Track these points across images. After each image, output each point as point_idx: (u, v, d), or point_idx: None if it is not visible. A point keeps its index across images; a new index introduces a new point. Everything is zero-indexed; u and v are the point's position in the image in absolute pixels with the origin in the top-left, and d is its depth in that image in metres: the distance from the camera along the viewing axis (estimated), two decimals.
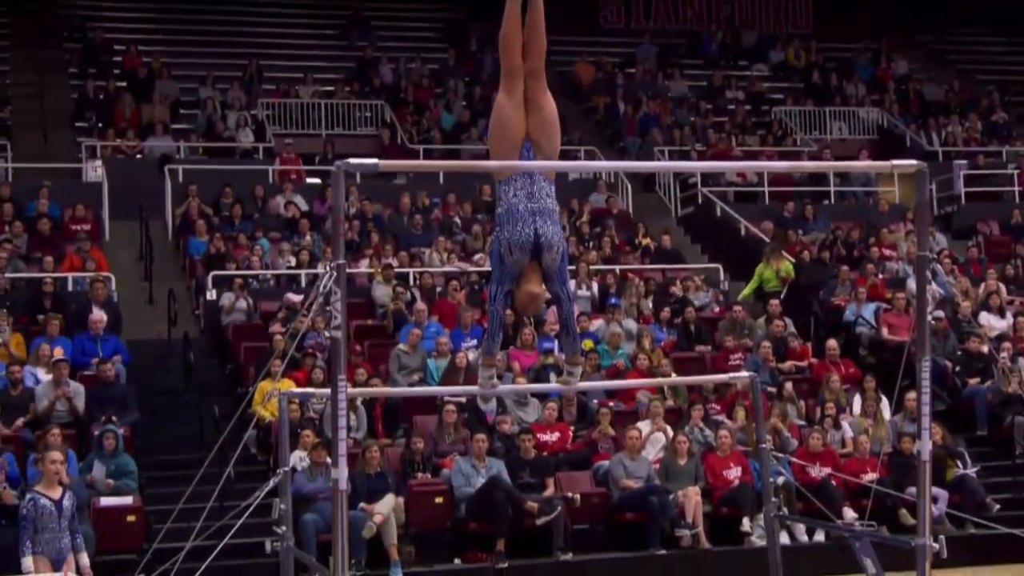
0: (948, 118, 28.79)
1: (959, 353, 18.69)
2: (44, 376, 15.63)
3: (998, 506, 15.85)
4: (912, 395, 14.28)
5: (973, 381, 18.24)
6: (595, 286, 19.78)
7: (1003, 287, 20.57)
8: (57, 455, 11.83)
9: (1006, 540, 13.61)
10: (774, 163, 16.16)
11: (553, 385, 16.43)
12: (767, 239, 22.09)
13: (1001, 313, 19.81)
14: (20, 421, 15.01)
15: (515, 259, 6.92)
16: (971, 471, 16.38)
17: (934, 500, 14.89)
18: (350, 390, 6.73)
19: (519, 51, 7.22)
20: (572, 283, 19.49)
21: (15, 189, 21.02)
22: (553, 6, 26.16)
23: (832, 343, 18.53)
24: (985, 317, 19.62)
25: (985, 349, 18.25)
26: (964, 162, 26.42)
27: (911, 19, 32.03)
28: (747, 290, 20.13)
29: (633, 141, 26.19)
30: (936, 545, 6.96)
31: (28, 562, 11.13)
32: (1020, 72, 31.99)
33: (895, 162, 7.87)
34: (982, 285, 20.66)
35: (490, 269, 19.17)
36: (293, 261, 19.87)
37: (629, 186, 24.66)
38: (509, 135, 7.11)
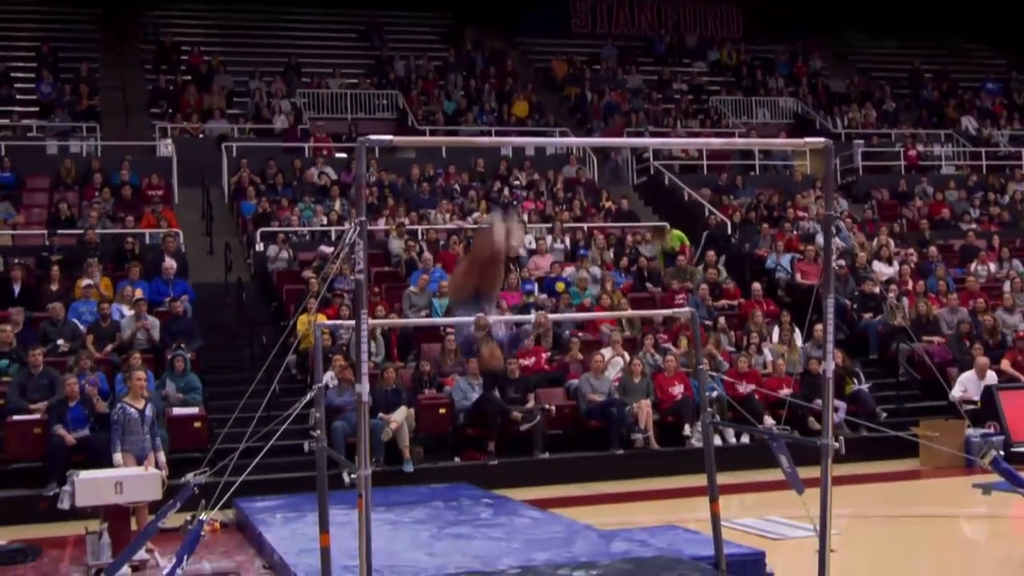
0: (849, 107, 28.74)
1: (856, 293, 18.74)
2: (127, 312, 15.70)
3: (885, 414, 15.98)
4: (819, 327, 14.31)
5: (867, 316, 18.32)
6: (567, 240, 19.79)
7: (891, 241, 20.63)
8: (140, 374, 11.82)
9: (891, 440, 13.73)
10: (711, 140, 16.29)
11: (534, 316, 16.51)
12: (706, 203, 22.07)
13: (889, 262, 19.88)
14: (109, 347, 15.11)
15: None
16: (864, 387, 16.48)
17: (835, 410, 14.97)
18: (371, 322, 6.72)
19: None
20: (549, 237, 19.52)
21: (103, 163, 20.92)
22: (533, 14, 26.03)
23: (756, 286, 18.59)
24: (877, 265, 19.69)
25: (877, 290, 18.31)
26: (861, 142, 26.42)
27: (821, 26, 31.90)
28: (660, 258, 19.96)
29: (598, 123, 26.10)
30: (836, 444, 6.99)
31: (118, 457, 11.15)
32: (905, 70, 31.85)
33: (808, 140, 7.86)
34: (875, 240, 20.71)
35: (480, 226, 19.29)
36: (325, 220, 19.86)
37: (595, 160, 24.59)
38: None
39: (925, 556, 9.84)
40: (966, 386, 16.02)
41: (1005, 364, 16.59)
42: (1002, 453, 12.19)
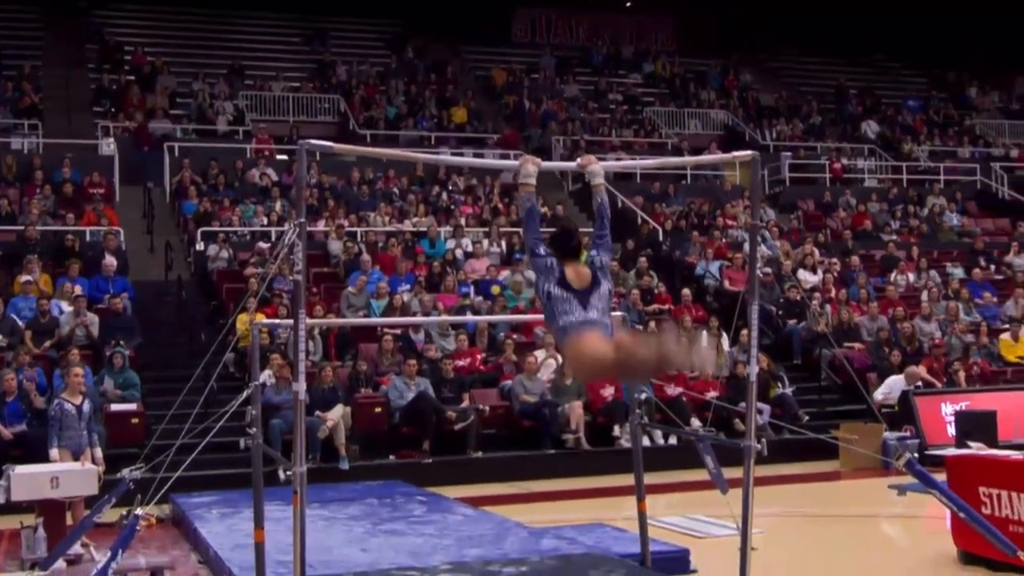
0: (777, 120, 29.03)
1: (782, 300, 18.93)
2: (67, 308, 15.50)
3: (807, 417, 16.13)
4: (745, 332, 14.44)
5: (791, 322, 18.50)
6: (504, 244, 19.80)
7: (816, 250, 20.84)
8: (78, 370, 11.70)
9: (813, 443, 13.86)
10: (646, 161, 16.41)
11: (470, 318, 16.53)
12: (639, 210, 22.18)
13: (814, 270, 20.10)
14: (47, 343, 14.90)
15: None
16: (788, 390, 16.65)
17: (760, 412, 15.11)
18: (308, 321, 6.68)
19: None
20: (486, 241, 19.51)
21: (44, 160, 20.65)
22: (473, 22, 25.96)
23: (686, 291, 18.70)
24: (802, 273, 19.89)
25: (801, 297, 18.50)
26: (788, 154, 26.67)
27: (751, 42, 32.22)
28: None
29: (536, 131, 26.14)
30: (759, 446, 7.06)
31: (55, 453, 11.03)
32: (831, 86, 32.24)
33: (736, 153, 7.94)
34: (800, 248, 20.92)
35: (419, 229, 19.15)
36: (265, 220, 19.72)
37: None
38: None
39: (843, 554, 9.96)
40: (891, 389, 16.27)
41: (922, 370, 16.84)
42: (917, 456, 12.40)
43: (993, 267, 21.98)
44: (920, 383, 16.45)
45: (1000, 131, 30.89)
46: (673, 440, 15.25)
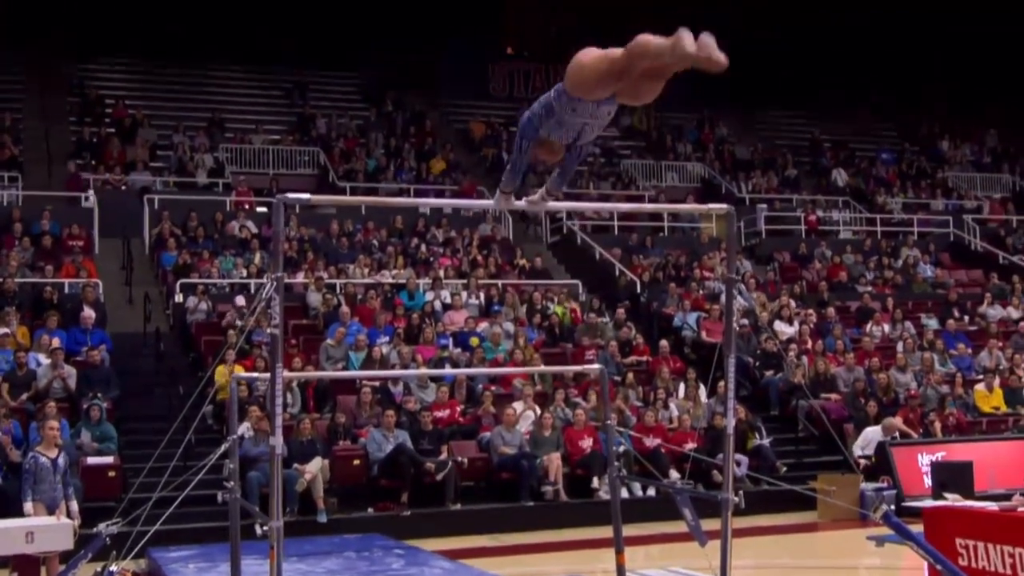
0: (753, 172, 29.22)
1: (758, 351, 18.96)
2: (44, 360, 15.41)
3: (785, 468, 16.12)
4: (722, 383, 14.46)
5: (769, 373, 18.54)
6: (482, 296, 19.81)
7: (792, 302, 20.92)
8: (54, 423, 11.61)
9: (789, 494, 13.78)
10: (621, 205, 16.39)
11: (448, 371, 16.50)
12: (616, 262, 22.24)
13: (790, 322, 20.15)
14: (24, 396, 14.81)
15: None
16: (765, 441, 16.65)
17: (737, 464, 15.12)
18: (286, 374, 6.66)
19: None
20: (464, 293, 19.51)
21: (24, 212, 20.58)
22: (453, 76, 26.15)
23: (664, 343, 18.73)
24: (778, 324, 19.94)
25: (777, 349, 18.54)
26: (764, 206, 26.78)
27: (728, 96, 32.47)
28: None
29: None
30: (736, 499, 7.06)
31: (29, 507, 10.93)
32: (806, 139, 32.53)
33: (712, 206, 8.01)
34: (776, 300, 21.00)
35: (398, 282, 19.17)
36: (245, 272, 19.68)
37: (510, 219, 24.70)
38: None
39: None
40: (868, 440, 16.30)
41: (898, 421, 16.87)
42: (894, 507, 12.40)
43: (967, 318, 22.09)
44: (897, 434, 16.48)
45: (972, 183, 31.17)
46: (652, 492, 15.23)
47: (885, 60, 32.35)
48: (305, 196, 6.43)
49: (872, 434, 16.42)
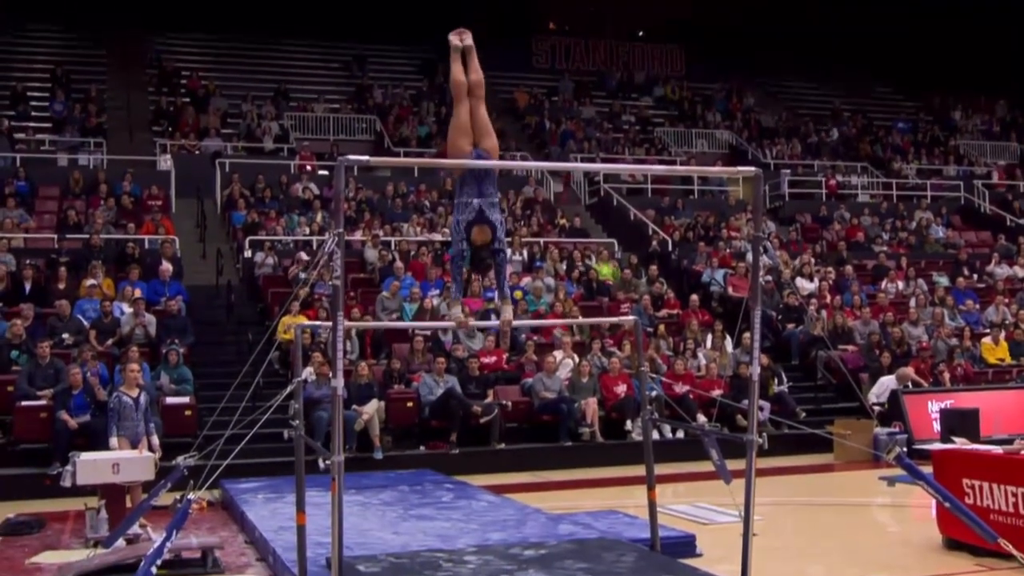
0: (778, 140, 28.93)
1: (781, 306, 18.86)
2: (127, 309, 15.55)
3: (804, 413, 16.03)
4: (747, 335, 14.39)
5: (790, 325, 18.44)
6: (525, 253, 19.79)
7: (812, 260, 20.78)
8: (135, 366, 11.76)
9: (808, 437, 13.74)
10: (655, 167, 16.26)
11: (494, 322, 16.48)
12: (649, 222, 22.14)
13: (811, 278, 20.01)
14: (109, 341, 14.99)
15: (465, 221, 6.81)
16: (785, 388, 16.58)
17: (760, 409, 15.08)
18: (346, 323, 6.69)
19: (465, 88, 7.22)
20: (509, 250, 19.44)
21: (108, 175, 20.76)
22: (498, 51, 25.93)
23: (693, 297, 18.66)
24: (800, 281, 19.81)
25: (799, 303, 18.43)
26: (788, 171, 26.60)
27: (754, 68, 32.14)
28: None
29: (555, 149, 26.13)
30: (760, 440, 7.03)
31: (114, 441, 11.10)
32: (827, 109, 32.12)
33: (740, 168, 7.91)
34: (798, 258, 20.85)
35: (447, 239, 19.21)
36: (307, 230, 19.76)
37: (551, 182, 24.62)
38: (462, 142, 7.01)
39: (837, 539, 9.90)
40: (883, 388, 16.20)
41: (911, 371, 16.74)
42: (905, 450, 12.31)
43: (975, 276, 21.84)
44: (910, 383, 16.36)
45: (982, 151, 30.71)
46: (681, 434, 15.23)
47: (903, 36, 31.83)
48: (365, 158, 6.42)
49: (887, 382, 16.32)
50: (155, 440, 11.51)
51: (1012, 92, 33.14)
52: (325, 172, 22.67)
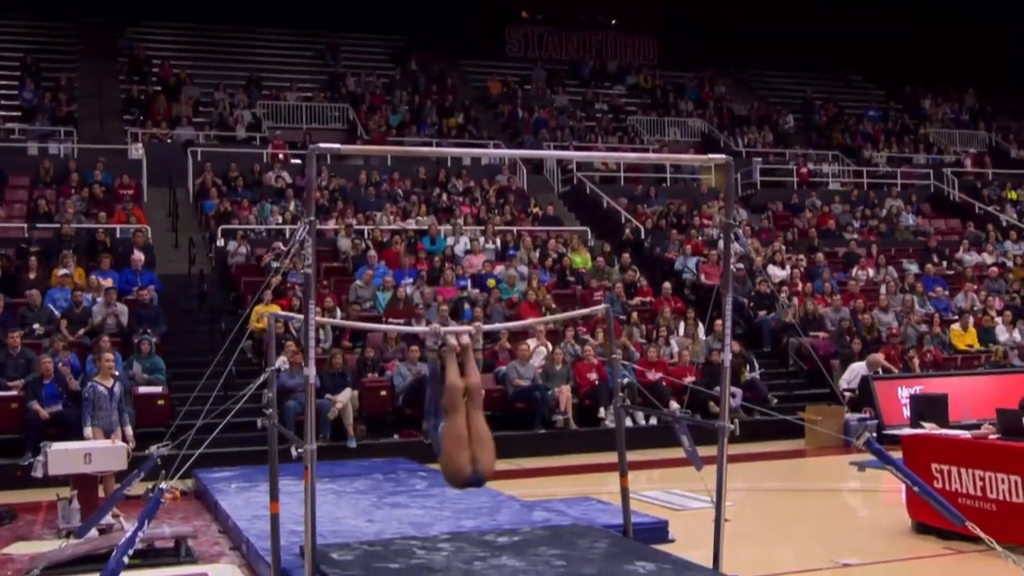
0: (749, 128, 29.00)
1: (753, 293, 18.94)
2: (98, 299, 15.43)
3: (776, 400, 16.12)
4: (719, 322, 14.44)
5: (762, 313, 18.52)
6: (498, 241, 19.77)
7: (784, 248, 20.86)
8: (109, 355, 11.68)
9: (780, 424, 13.76)
10: (627, 155, 16.26)
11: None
12: (622, 210, 22.17)
13: (782, 266, 20.10)
14: (81, 331, 14.87)
15: None
16: (757, 375, 16.66)
17: (732, 396, 15.14)
18: (317, 320, 6.65)
19: (461, 394, 6.70)
20: (482, 239, 19.47)
21: (80, 164, 20.59)
22: (473, 38, 25.95)
23: (666, 285, 18.71)
24: (771, 268, 19.90)
25: (770, 291, 18.51)
26: (759, 159, 26.69)
27: (726, 57, 32.21)
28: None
29: (528, 138, 26.10)
30: (732, 427, 7.05)
31: (88, 431, 11.04)
32: (799, 98, 32.23)
33: (711, 156, 7.93)
34: (770, 246, 20.93)
35: (421, 228, 19.10)
36: (280, 219, 19.66)
37: (524, 170, 24.60)
38: (461, 458, 6.60)
39: (808, 524, 9.97)
40: (856, 373, 16.30)
41: (880, 357, 16.85)
42: (875, 435, 12.41)
43: (945, 263, 22.02)
44: (880, 369, 16.47)
45: (951, 140, 30.90)
46: (653, 421, 15.28)
47: (873, 25, 32.00)
48: (336, 146, 6.41)
49: (857, 369, 16.43)
50: (128, 430, 11.46)
51: (981, 81, 33.37)
52: (298, 161, 22.56)
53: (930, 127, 31.39)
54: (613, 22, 32.80)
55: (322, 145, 6.18)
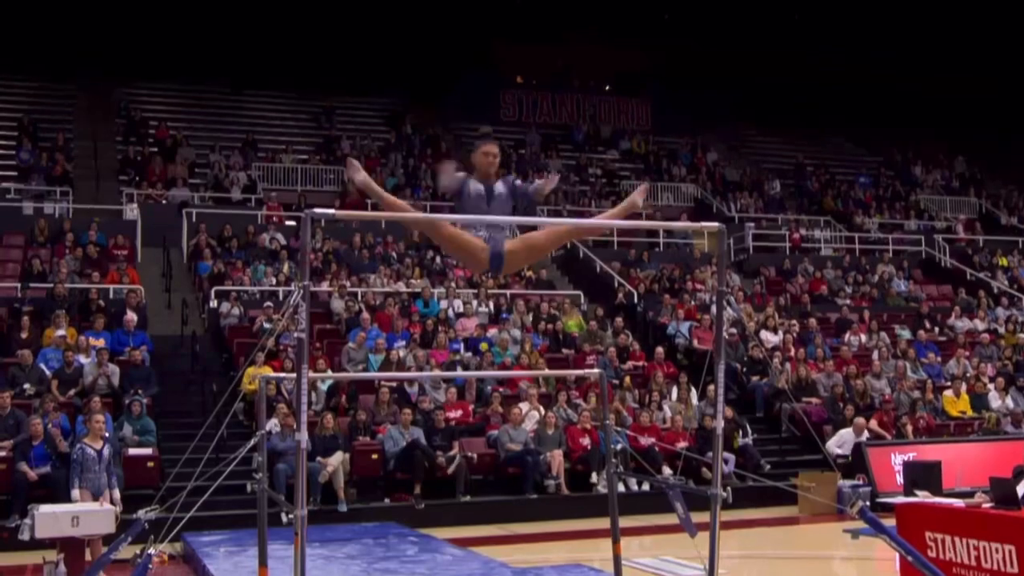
0: (742, 194, 29.21)
1: (746, 358, 18.93)
2: (90, 359, 15.39)
3: (768, 466, 16.07)
4: (712, 387, 14.44)
5: (755, 378, 18.50)
6: (492, 304, 19.80)
7: (777, 313, 20.89)
8: (100, 417, 11.67)
9: (772, 490, 13.77)
10: (625, 222, 16.29)
11: (460, 373, 16.49)
12: (615, 274, 22.23)
13: (775, 331, 20.12)
14: (72, 392, 14.81)
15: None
16: (750, 440, 16.61)
17: (725, 461, 15.10)
18: (310, 375, 6.66)
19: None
20: (475, 301, 19.49)
21: (74, 224, 20.63)
22: (465, 101, 26.11)
23: (659, 349, 18.70)
24: (764, 333, 19.91)
25: (763, 356, 18.52)
26: (752, 224, 26.84)
27: (719, 123, 32.55)
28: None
29: (522, 202, 26.21)
30: (725, 494, 7.03)
31: (76, 493, 10.99)
32: (791, 163, 32.49)
33: (704, 224, 7.99)
34: (762, 311, 20.97)
35: (414, 291, 19.10)
36: (274, 280, 19.70)
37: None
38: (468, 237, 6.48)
39: None
40: (844, 440, 16.27)
41: (873, 423, 16.84)
42: (869, 503, 12.36)
43: (937, 329, 22.07)
44: (867, 433, 16.44)
45: (942, 206, 31.15)
46: (646, 487, 15.16)
47: (864, 94, 32.41)
48: (331, 211, 6.44)
49: (845, 435, 16.41)
50: (116, 493, 11.41)
51: (970, 148, 33.74)
52: (292, 223, 22.64)
53: (921, 193, 31.66)
54: (607, 88, 33.18)
55: (317, 210, 6.21)
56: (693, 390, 17.31)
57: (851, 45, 32.31)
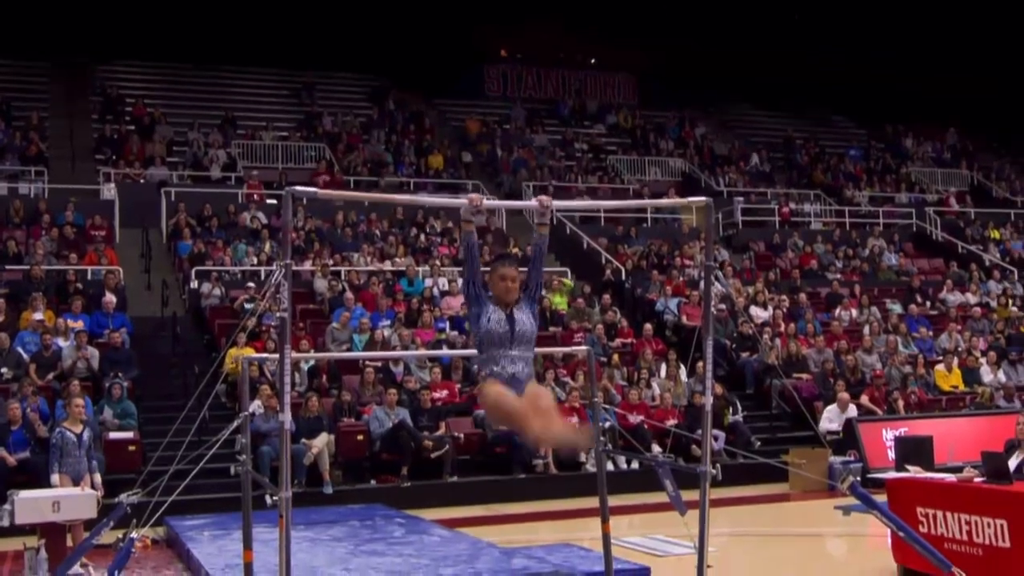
0: (730, 168, 29.22)
1: (735, 334, 18.99)
2: (68, 342, 15.34)
3: (759, 443, 16.14)
4: (701, 364, 14.46)
5: (744, 354, 18.56)
6: None
7: (766, 288, 20.94)
8: (79, 400, 11.63)
9: (763, 467, 13.83)
10: (611, 202, 16.33)
11: (446, 352, 16.48)
12: (603, 251, 22.24)
13: (765, 306, 20.18)
14: (50, 375, 14.77)
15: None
16: (740, 417, 16.67)
17: (715, 439, 15.15)
18: (293, 355, 6.65)
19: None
20: (460, 280, 19.44)
21: (50, 204, 20.53)
22: (450, 77, 26.03)
23: (647, 326, 18.74)
24: (754, 309, 19.96)
25: (753, 332, 18.57)
26: (741, 199, 26.83)
27: (707, 96, 32.53)
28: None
29: (508, 178, 26.22)
30: (714, 471, 7.06)
31: (56, 478, 10.96)
32: (780, 137, 32.53)
33: (692, 199, 7.99)
34: (752, 286, 21.01)
35: (398, 269, 19.06)
36: (255, 260, 19.64)
37: (504, 211, 24.65)
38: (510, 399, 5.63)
39: (792, 570, 9.96)
40: (832, 417, 16.34)
41: (864, 399, 16.92)
42: (859, 479, 12.42)
43: (928, 303, 22.17)
44: (853, 408, 16.49)
45: (933, 178, 31.23)
46: (635, 465, 15.21)
47: (854, 65, 32.41)
48: (312, 190, 6.41)
49: (832, 411, 16.47)
50: (97, 477, 11.38)
51: (962, 120, 33.81)
52: (273, 201, 22.56)
53: (912, 166, 31.73)
54: (593, 62, 33.10)
55: (298, 188, 6.17)
56: (682, 367, 17.34)
57: (851, 45, 32.32)
